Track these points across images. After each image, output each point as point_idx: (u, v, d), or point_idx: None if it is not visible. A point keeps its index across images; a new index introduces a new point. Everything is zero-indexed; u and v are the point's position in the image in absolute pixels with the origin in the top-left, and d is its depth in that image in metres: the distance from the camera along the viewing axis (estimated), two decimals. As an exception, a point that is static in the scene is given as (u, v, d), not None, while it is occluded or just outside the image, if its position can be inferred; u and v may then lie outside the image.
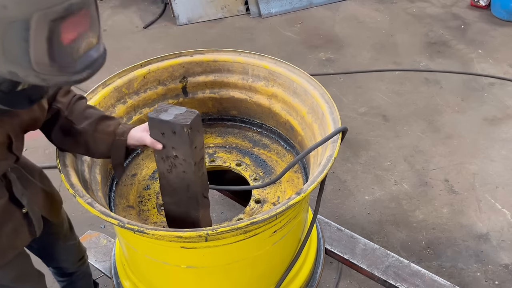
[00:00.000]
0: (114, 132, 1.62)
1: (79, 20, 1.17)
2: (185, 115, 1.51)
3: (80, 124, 1.61)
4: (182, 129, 1.49)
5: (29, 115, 1.46)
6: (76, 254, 2.13)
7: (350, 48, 4.56)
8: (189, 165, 1.57)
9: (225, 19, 5.07)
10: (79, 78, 1.23)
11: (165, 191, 1.71)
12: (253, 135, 2.25)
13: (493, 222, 2.94)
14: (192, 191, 1.64)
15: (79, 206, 3.01)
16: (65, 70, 1.19)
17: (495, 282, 2.63)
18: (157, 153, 1.61)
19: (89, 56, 1.25)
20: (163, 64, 2.08)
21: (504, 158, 3.35)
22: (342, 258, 2.27)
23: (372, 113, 3.78)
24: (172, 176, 1.63)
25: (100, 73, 1.34)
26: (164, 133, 1.53)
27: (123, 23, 5.09)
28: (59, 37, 1.13)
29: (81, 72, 1.23)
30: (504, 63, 4.28)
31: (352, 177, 3.25)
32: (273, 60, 2.07)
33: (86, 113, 1.63)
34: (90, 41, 1.24)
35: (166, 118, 1.50)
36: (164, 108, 1.55)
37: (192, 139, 1.51)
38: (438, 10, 5.07)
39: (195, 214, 1.70)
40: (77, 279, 2.21)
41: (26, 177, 1.65)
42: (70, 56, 1.18)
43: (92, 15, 1.21)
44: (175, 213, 1.74)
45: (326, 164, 1.58)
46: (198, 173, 1.61)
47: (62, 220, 1.96)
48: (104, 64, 1.33)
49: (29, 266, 1.81)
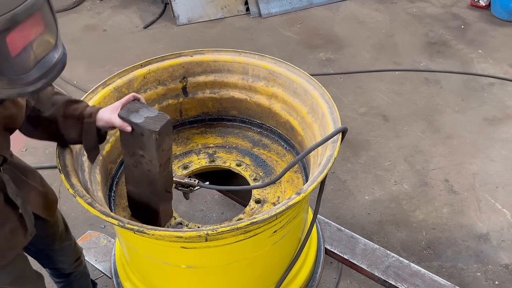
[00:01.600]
0: (82, 114, 1.56)
1: (28, 28, 1.08)
2: (155, 120, 1.50)
3: (47, 112, 1.55)
4: (151, 135, 1.48)
5: (2, 113, 1.39)
6: (72, 255, 2.12)
7: (350, 48, 4.55)
8: (155, 166, 1.58)
9: (225, 19, 5.07)
10: (33, 89, 1.15)
11: (128, 181, 1.73)
12: (253, 135, 2.25)
13: (493, 222, 2.94)
14: (155, 187, 1.65)
15: (79, 206, 3.02)
16: (17, 82, 1.12)
17: (495, 282, 2.63)
18: (124, 148, 1.61)
19: (45, 63, 1.16)
20: (163, 64, 2.08)
21: (504, 158, 3.35)
22: (342, 258, 2.27)
23: (372, 113, 3.78)
24: (137, 171, 1.64)
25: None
26: (132, 133, 1.53)
27: (123, 23, 5.08)
28: (6, 50, 1.05)
29: (36, 82, 1.15)
30: (504, 63, 4.28)
31: (352, 177, 3.25)
32: (273, 60, 2.07)
33: (53, 100, 1.57)
34: (46, 46, 1.15)
35: (136, 120, 1.50)
36: (135, 107, 1.53)
37: (159, 144, 1.51)
38: (438, 10, 5.07)
39: (156, 206, 1.71)
40: (75, 280, 2.21)
41: (19, 177, 1.63)
42: (22, 67, 1.10)
43: (44, 18, 1.12)
44: (137, 202, 1.76)
45: (326, 164, 1.58)
46: (163, 173, 1.62)
47: (57, 221, 1.95)
48: (64, 69, 1.22)
49: (28, 267, 1.81)
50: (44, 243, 1.94)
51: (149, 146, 1.52)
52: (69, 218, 3.03)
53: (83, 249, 2.40)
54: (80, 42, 4.76)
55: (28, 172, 1.72)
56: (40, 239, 1.82)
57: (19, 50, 1.09)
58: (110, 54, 4.55)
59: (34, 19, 1.09)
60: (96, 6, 5.39)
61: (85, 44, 4.72)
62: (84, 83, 4.05)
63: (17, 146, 3.41)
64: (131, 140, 1.56)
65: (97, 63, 4.37)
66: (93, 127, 1.56)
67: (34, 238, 1.70)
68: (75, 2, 5.38)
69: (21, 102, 1.47)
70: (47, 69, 1.17)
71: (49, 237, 1.93)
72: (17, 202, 1.56)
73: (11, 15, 1.03)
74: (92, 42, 4.78)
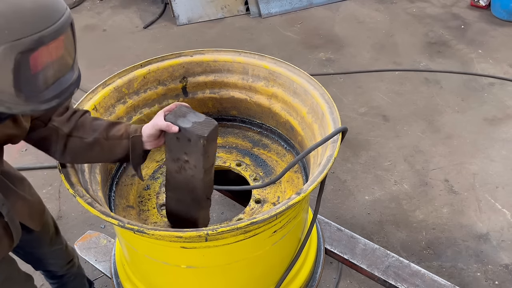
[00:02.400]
0: (127, 132, 1.57)
1: (51, 50, 1.12)
2: (203, 125, 1.49)
3: (90, 137, 1.56)
4: (198, 140, 1.47)
5: (2, 131, 1.40)
6: (64, 258, 2.11)
7: (350, 48, 4.55)
8: (199, 172, 1.56)
9: (225, 19, 5.07)
10: (47, 108, 1.18)
11: (169, 187, 1.71)
12: (253, 135, 2.25)
13: (493, 222, 2.94)
14: (197, 194, 1.64)
15: (79, 206, 3.02)
16: (33, 100, 1.15)
17: (495, 282, 2.63)
18: (169, 153, 1.59)
19: (61, 84, 1.20)
20: (163, 64, 2.08)
21: (504, 158, 3.35)
22: (342, 258, 2.27)
23: (372, 113, 3.78)
24: (180, 177, 1.63)
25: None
26: (179, 138, 1.52)
27: (123, 23, 5.09)
28: (27, 67, 1.09)
29: (50, 101, 1.18)
30: (504, 63, 4.28)
31: (352, 177, 3.25)
32: (273, 60, 2.06)
33: (93, 126, 1.59)
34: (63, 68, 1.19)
35: (184, 125, 1.49)
36: (182, 112, 1.53)
37: (206, 149, 1.50)
38: (438, 10, 5.07)
39: (195, 213, 1.70)
40: (68, 281, 2.20)
41: (7, 185, 1.62)
42: (38, 85, 1.14)
43: (66, 42, 1.17)
44: (176, 208, 1.75)
45: (326, 164, 1.58)
46: (206, 179, 1.61)
47: (47, 226, 1.93)
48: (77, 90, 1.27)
49: (15, 270, 1.78)
50: (33, 247, 1.92)
51: (195, 151, 1.51)
52: (69, 218, 3.03)
53: (83, 249, 2.40)
54: (80, 42, 4.68)
55: (16, 180, 1.70)
56: (29, 243, 1.81)
57: (39, 69, 1.12)
58: (110, 54, 4.55)
59: (58, 42, 1.13)
60: (96, 6, 5.39)
61: (85, 44, 4.72)
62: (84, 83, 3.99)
63: (17, 147, 3.41)
64: (177, 145, 1.54)
65: (97, 63, 4.37)
66: (140, 141, 1.56)
67: (21, 241, 1.67)
68: (75, 2, 5.38)
69: (24, 124, 1.47)
70: (62, 89, 1.20)
71: (38, 242, 1.91)
72: (2, 211, 1.53)
73: (38, 36, 1.07)
74: (92, 42, 4.78)
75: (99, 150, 1.58)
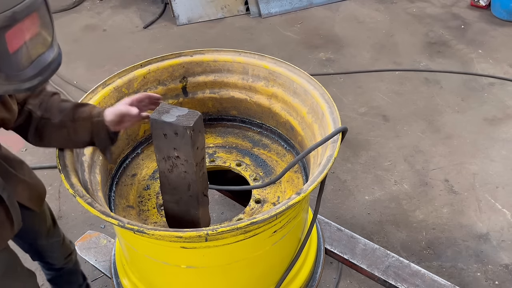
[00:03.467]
0: (91, 114, 1.58)
1: (26, 27, 1.12)
2: (187, 117, 1.51)
3: (56, 118, 1.57)
4: (185, 131, 1.49)
5: None
6: (62, 252, 2.13)
7: (350, 48, 4.55)
8: (191, 166, 1.57)
9: (225, 19, 5.07)
10: (30, 86, 1.19)
11: (165, 190, 1.72)
12: (253, 135, 2.25)
13: (493, 222, 2.94)
14: (193, 190, 1.64)
15: (79, 206, 3.02)
16: (14, 78, 1.16)
17: (495, 282, 2.63)
18: (158, 153, 1.61)
19: (42, 61, 1.20)
20: (163, 64, 2.08)
21: (504, 158, 3.35)
22: (342, 258, 2.27)
23: (372, 113, 3.78)
24: (173, 175, 1.64)
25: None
26: (166, 134, 1.53)
27: (123, 23, 5.08)
28: (4, 46, 1.09)
29: (32, 79, 1.19)
30: (504, 63, 4.28)
31: (352, 177, 3.25)
32: (273, 60, 2.07)
33: (61, 107, 1.60)
34: (42, 45, 1.20)
35: (168, 119, 1.50)
36: (165, 109, 1.55)
37: (194, 141, 1.52)
38: (438, 10, 5.07)
39: (195, 212, 1.70)
40: (63, 274, 2.23)
41: (6, 169, 1.63)
42: (18, 63, 1.15)
43: (42, 18, 1.17)
44: (175, 211, 1.75)
45: (326, 164, 1.58)
46: (199, 173, 1.62)
47: (45, 215, 1.94)
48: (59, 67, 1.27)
49: (17, 264, 1.80)
50: (31, 238, 1.94)
51: (184, 143, 1.52)
52: (69, 218, 3.03)
53: (83, 249, 2.40)
54: (80, 42, 4.76)
55: (15, 163, 1.71)
56: (27, 233, 1.82)
57: (17, 47, 1.13)
58: (110, 54, 4.55)
59: (32, 18, 1.13)
60: (96, 6, 5.39)
61: (85, 44, 4.72)
62: (84, 83, 4.05)
63: (17, 146, 3.41)
64: (165, 142, 1.56)
65: (97, 63, 4.37)
66: (103, 124, 1.58)
67: (20, 231, 1.69)
68: (75, 2, 5.38)
69: (13, 107, 1.48)
70: (42, 67, 1.21)
71: (36, 232, 1.93)
72: (3, 195, 1.55)
73: (11, 13, 1.07)
74: (92, 42, 4.78)
75: (66, 132, 1.58)
